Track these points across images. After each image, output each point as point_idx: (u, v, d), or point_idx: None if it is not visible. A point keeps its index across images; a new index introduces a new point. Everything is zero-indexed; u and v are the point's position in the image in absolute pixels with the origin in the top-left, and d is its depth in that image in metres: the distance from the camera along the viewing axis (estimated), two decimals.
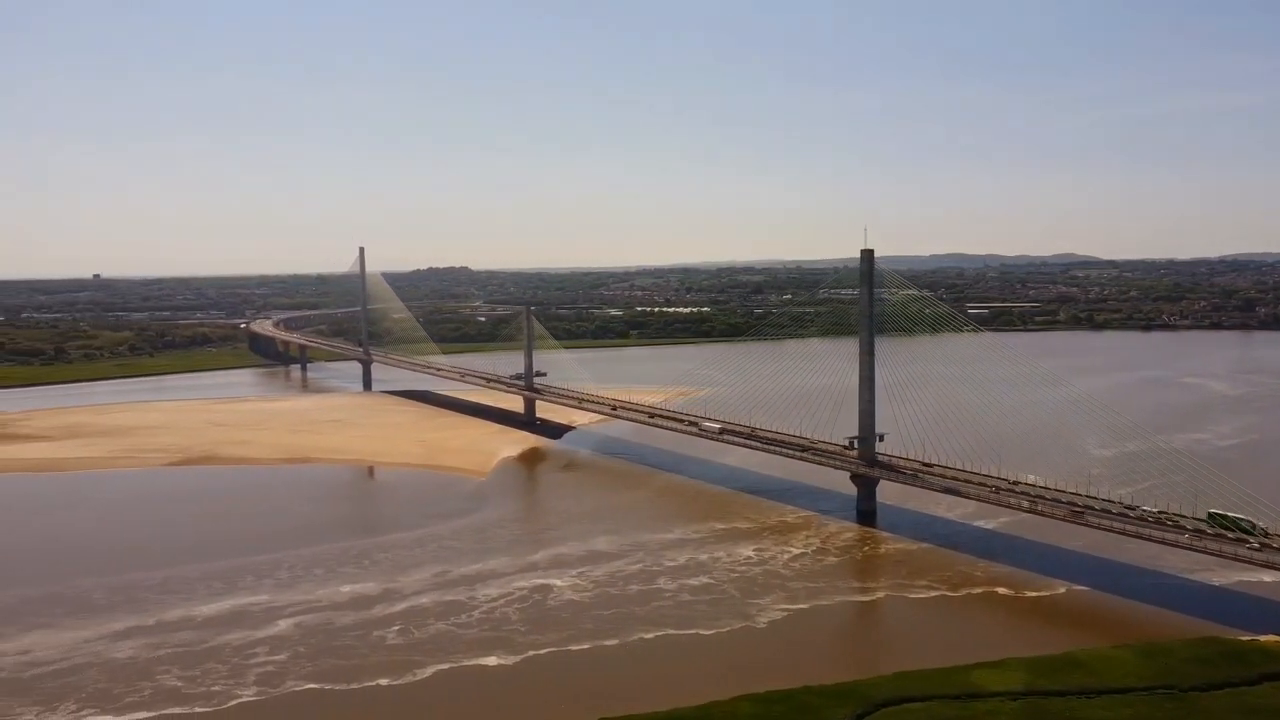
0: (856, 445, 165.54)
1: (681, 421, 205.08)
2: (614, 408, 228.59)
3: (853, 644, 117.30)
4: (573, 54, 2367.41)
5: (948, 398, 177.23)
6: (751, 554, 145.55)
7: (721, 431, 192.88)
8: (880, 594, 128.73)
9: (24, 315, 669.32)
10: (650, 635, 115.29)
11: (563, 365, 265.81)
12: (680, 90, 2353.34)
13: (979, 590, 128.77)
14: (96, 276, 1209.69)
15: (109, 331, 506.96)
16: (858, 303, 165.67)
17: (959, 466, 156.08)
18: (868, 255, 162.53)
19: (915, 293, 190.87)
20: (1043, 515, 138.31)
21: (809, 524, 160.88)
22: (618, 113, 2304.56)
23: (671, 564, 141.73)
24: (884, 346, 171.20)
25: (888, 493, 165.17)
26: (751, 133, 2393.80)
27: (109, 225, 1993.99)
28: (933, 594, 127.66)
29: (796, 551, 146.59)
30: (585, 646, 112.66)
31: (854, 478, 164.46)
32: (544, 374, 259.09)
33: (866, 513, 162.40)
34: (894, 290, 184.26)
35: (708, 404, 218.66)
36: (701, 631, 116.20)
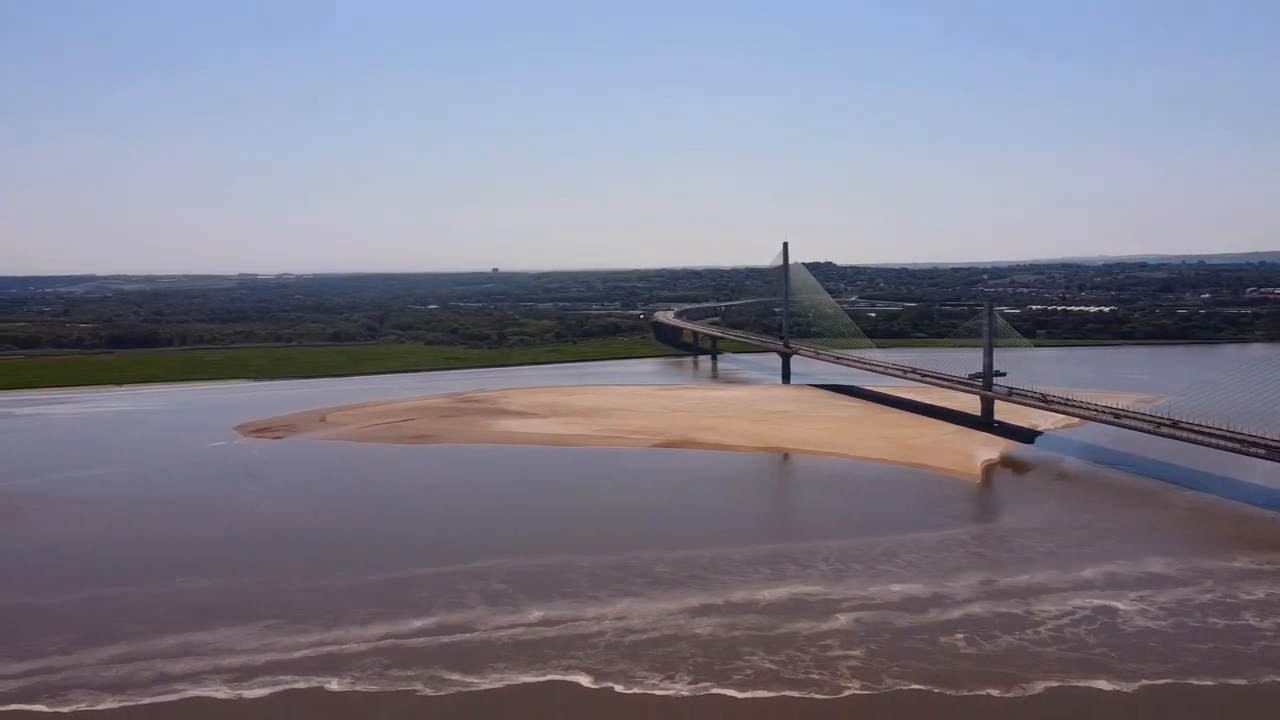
0: None
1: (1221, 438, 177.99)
2: (1115, 417, 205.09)
3: None
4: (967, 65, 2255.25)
5: None
6: None
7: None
8: None
9: (450, 304, 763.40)
10: None
11: (1024, 364, 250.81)
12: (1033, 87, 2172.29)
13: None
14: (495, 270, 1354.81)
15: (534, 320, 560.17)
16: None
17: None
18: None
19: None
20: None
21: None
22: (990, 110, 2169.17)
23: (1250, 597, 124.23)
24: None
25: None
26: (1124, 122, 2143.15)
27: (506, 226, 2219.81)
28: None
29: None
30: (1208, 683, 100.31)
31: None
32: (1004, 374, 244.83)
33: None
34: None
35: (1175, 411, 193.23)
36: None
